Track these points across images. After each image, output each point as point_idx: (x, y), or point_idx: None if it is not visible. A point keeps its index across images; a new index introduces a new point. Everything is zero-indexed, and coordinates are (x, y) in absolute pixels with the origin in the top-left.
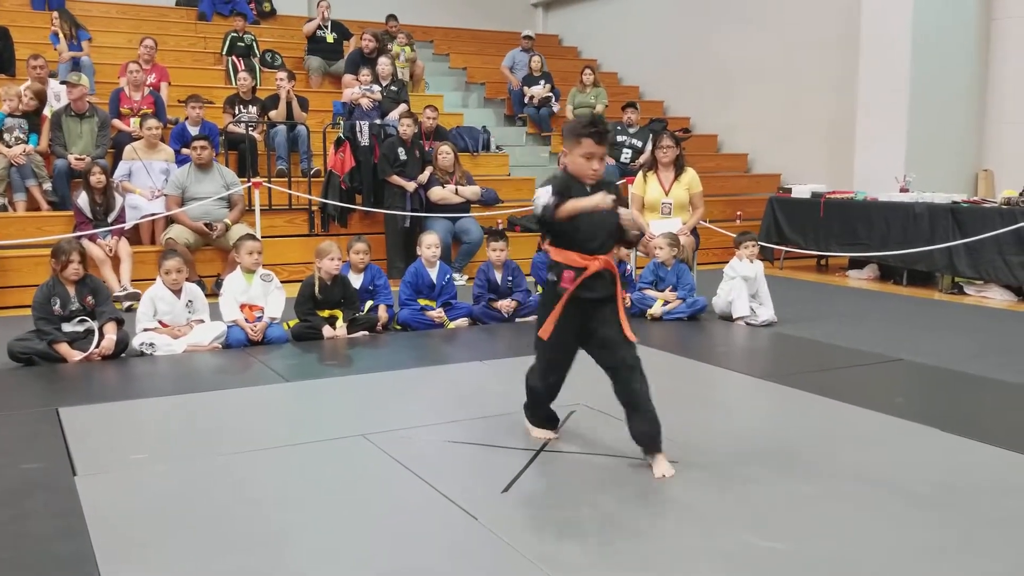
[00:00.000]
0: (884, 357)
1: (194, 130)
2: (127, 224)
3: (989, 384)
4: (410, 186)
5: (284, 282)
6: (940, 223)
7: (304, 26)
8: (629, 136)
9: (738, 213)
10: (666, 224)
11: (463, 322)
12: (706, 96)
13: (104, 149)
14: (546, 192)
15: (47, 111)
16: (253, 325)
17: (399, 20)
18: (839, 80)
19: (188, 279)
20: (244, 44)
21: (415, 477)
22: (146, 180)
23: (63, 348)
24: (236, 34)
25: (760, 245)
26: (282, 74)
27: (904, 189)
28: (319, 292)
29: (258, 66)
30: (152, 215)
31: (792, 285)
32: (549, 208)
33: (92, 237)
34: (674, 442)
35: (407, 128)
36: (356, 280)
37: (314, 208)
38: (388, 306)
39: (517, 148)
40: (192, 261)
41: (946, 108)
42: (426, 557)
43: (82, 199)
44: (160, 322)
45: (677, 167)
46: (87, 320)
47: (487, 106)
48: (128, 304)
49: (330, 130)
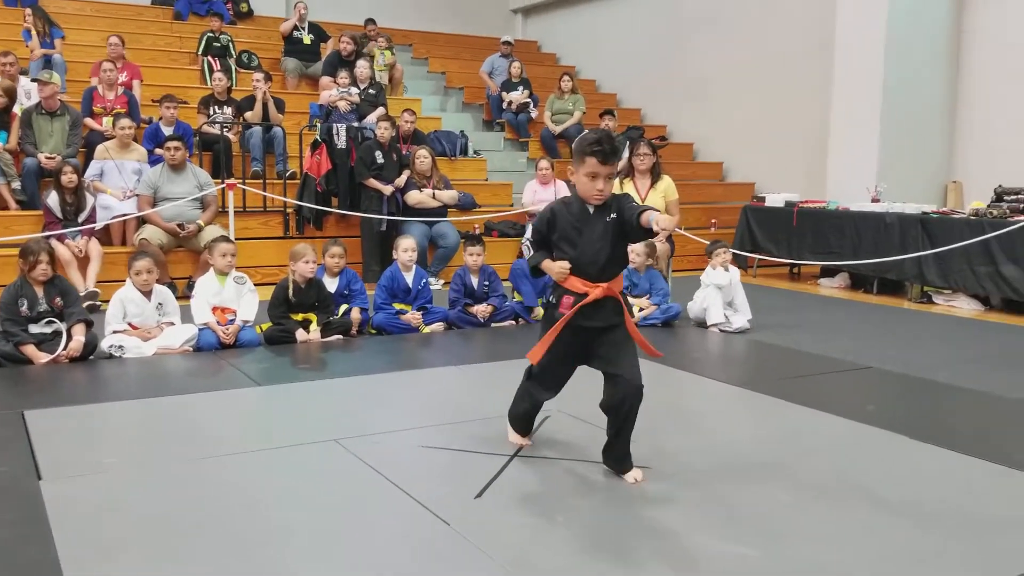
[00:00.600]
0: (854, 365)
1: (168, 130)
2: (98, 224)
3: (957, 392)
4: (387, 190)
5: (258, 285)
6: (910, 233)
7: (281, 26)
8: None
9: (713, 221)
10: None
11: (439, 326)
12: (682, 104)
13: (75, 148)
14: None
15: (17, 109)
16: (225, 328)
17: (377, 23)
18: (813, 91)
19: (160, 281)
20: (220, 44)
21: (387, 482)
22: (118, 180)
23: (29, 350)
24: (212, 34)
25: (733, 253)
26: (258, 75)
27: (875, 199)
28: (293, 295)
29: (234, 66)
30: (124, 215)
31: (765, 293)
32: (533, 259)
33: (60, 237)
34: (647, 448)
35: (385, 131)
36: (331, 284)
37: (289, 211)
38: (363, 309)
39: (495, 153)
40: (165, 263)
41: (917, 120)
42: (398, 563)
43: (52, 199)
44: (130, 324)
45: (654, 174)
46: (55, 322)
47: (465, 111)
48: (88, 303)
49: (306, 132)
